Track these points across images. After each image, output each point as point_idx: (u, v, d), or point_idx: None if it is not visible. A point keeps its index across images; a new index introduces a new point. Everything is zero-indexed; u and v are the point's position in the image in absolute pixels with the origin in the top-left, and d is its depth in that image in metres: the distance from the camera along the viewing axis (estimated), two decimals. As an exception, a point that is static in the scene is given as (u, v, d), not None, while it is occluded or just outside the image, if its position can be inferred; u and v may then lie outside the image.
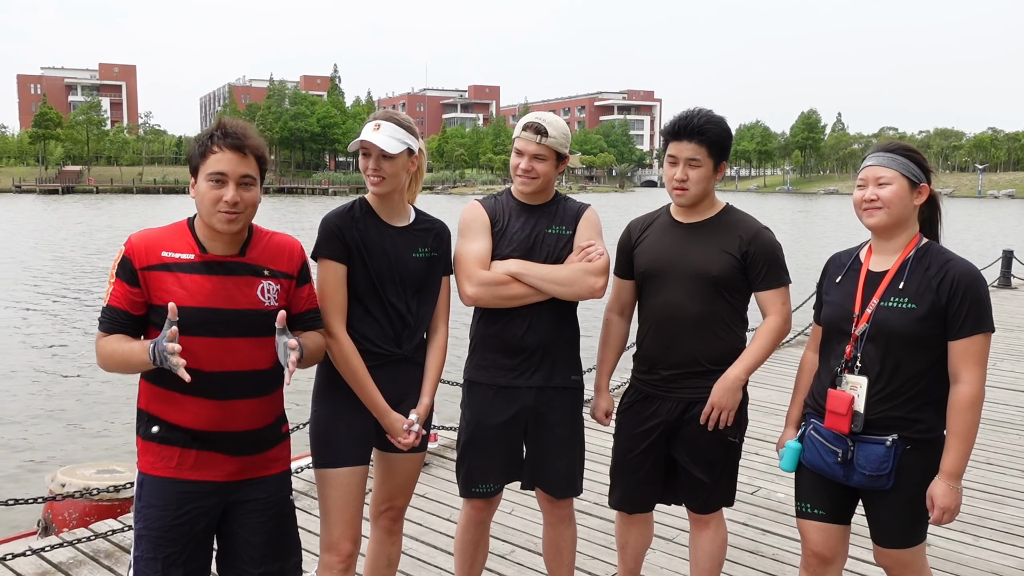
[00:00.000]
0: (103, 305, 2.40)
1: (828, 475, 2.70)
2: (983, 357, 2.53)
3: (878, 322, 2.59)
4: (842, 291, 2.73)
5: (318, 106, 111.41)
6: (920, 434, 2.57)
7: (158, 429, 2.40)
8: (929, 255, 2.61)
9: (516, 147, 3.03)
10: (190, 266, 2.36)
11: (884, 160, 2.62)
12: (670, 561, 4.05)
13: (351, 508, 2.83)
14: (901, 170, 2.60)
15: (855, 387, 2.62)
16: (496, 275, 2.99)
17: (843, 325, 2.68)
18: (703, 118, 2.92)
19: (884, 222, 2.62)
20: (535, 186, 3.02)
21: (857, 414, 2.60)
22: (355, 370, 2.76)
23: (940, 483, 2.53)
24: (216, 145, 2.35)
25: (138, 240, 2.39)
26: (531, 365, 3.03)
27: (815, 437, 2.72)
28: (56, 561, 3.98)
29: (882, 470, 2.57)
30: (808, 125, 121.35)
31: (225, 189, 2.34)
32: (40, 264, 24.66)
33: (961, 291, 2.51)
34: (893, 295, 2.59)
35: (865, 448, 2.59)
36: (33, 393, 10.83)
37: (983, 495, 4.96)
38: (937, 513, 2.53)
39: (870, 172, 2.64)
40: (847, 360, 2.65)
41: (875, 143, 2.80)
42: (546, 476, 3.12)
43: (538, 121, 2.99)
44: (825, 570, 2.78)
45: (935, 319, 2.54)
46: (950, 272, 2.54)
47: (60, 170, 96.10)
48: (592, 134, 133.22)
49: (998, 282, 14.42)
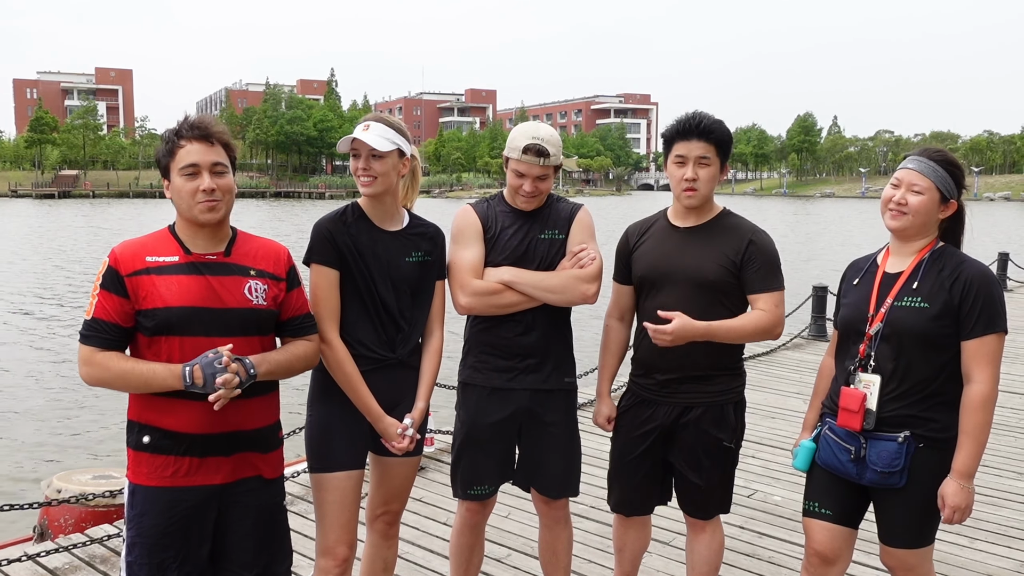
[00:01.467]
0: (85, 318, 2.38)
1: (841, 473, 2.71)
2: (996, 357, 2.55)
3: (892, 321, 2.61)
4: (859, 293, 2.75)
5: (315, 110, 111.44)
6: (933, 433, 2.58)
7: (149, 439, 2.40)
8: (944, 257, 2.64)
9: (517, 169, 2.97)
10: (175, 268, 2.37)
11: (924, 168, 2.62)
12: (667, 564, 4.05)
13: (347, 512, 2.84)
14: (937, 182, 2.61)
15: (868, 385, 2.64)
16: (489, 285, 2.99)
17: (858, 325, 2.70)
18: (711, 118, 2.94)
19: (904, 227, 2.64)
20: (537, 203, 3.04)
21: (869, 412, 2.61)
22: (349, 375, 2.77)
23: (951, 482, 2.54)
24: (183, 140, 2.37)
25: (122, 250, 2.40)
26: (525, 367, 3.04)
27: (829, 436, 2.74)
28: (52, 566, 3.98)
29: (894, 467, 2.58)
30: (804, 128, 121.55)
31: (200, 179, 2.37)
32: (37, 268, 24.62)
33: (974, 291, 2.53)
34: (907, 295, 2.61)
35: (877, 445, 2.60)
36: (29, 398, 10.81)
37: (979, 497, 4.93)
38: (948, 512, 2.54)
39: (907, 175, 2.64)
40: (861, 359, 2.67)
41: (920, 147, 2.77)
42: (541, 476, 3.12)
43: (537, 143, 2.94)
44: (826, 571, 2.78)
45: (948, 319, 2.55)
46: (963, 273, 2.57)
47: (56, 174, 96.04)
48: (589, 137, 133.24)
49: (994, 284, 14.43)
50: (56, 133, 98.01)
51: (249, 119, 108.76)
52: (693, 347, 2.95)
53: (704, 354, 2.96)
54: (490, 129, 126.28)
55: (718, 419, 2.99)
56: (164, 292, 2.34)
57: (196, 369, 2.28)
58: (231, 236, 2.51)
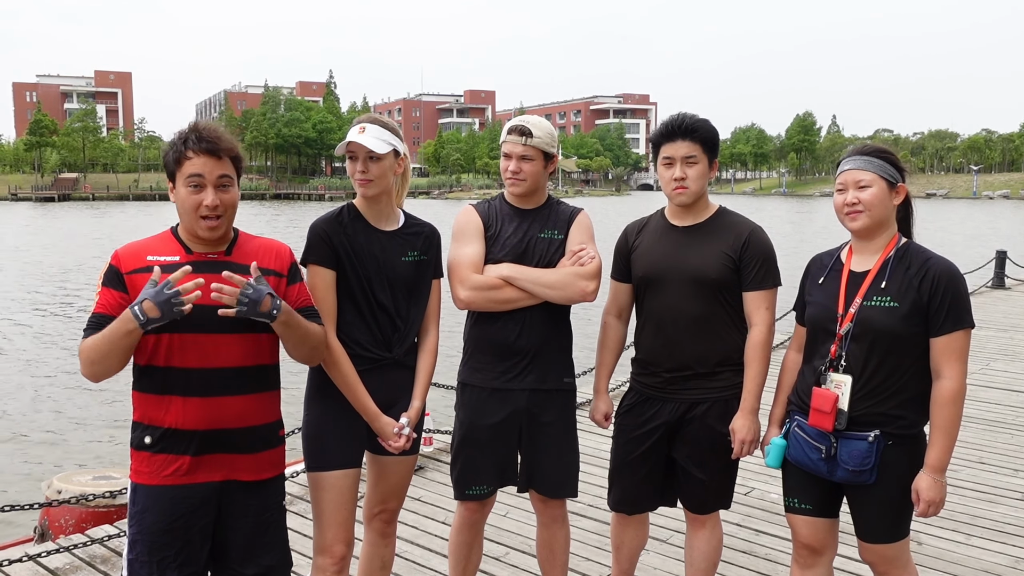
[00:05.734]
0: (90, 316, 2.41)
1: (812, 471, 2.73)
2: (964, 353, 2.57)
3: (862, 321, 2.63)
4: (825, 292, 2.76)
5: (314, 112, 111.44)
6: (902, 429, 2.61)
7: (150, 439, 2.42)
8: (909, 254, 2.66)
9: (504, 151, 3.07)
10: (176, 267, 2.38)
11: (861, 163, 2.66)
12: (663, 562, 4.07)
13: (343, 511, 2.85)
14: (879, 172, 2.64)
15: (839, 385, 2.65)
16: (489, 279, 3.02)
17: (827, 325, 2.71)
18: (693, 118, 2.98)
19: (867, 225, 2.66)
20: (524, 187, 3.06)
21: (841, 412, 2.64)
22: (345, 375, 2.78)
23: (925, 477, 2.57)
24: (191, 150, 2.38)
25: (124, 250, 2.44)
26: (524, 367, 3.06)
27: (799, 434, 2.76)
28: (52, 567, 3.99)
29: (864, 465, 2.60)
30: (803, 127, 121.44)
31: (204, 193, 2.39)
32: (38, 270, 24.63)
33: (942, 288, 2.56)
34: (876, 294, 2.63)
35: (848, 444, 2.63)
36: (29, 399, 10.83)
37: (976, 494, 4.99)
38: (923, 506, 2.57)
39: (849, 176, 2.67)
40: (832, 359, 2.68)
41: (850, 147, 2.83)
42: (539, 476, 3.14)
43: (522, 124, 3.05)
44: (815, 561, 2.83)
45: (917, 317, 2.58)
46: (931, 270, 2.59)
47: (56, 177, 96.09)
48: (588, 138, 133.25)
49: (992, 282, 14.46)
50: (55, 136, 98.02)
51: (247, 121, 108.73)
52: (697, 345, 2.99)
53: (709, 351, 3.00)
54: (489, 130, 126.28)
55: (723, 415, 3.01)
56: None
57: (146, 303, 2.21)
58: (233, 237, 2.54)
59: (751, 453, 3.03)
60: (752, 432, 2.98)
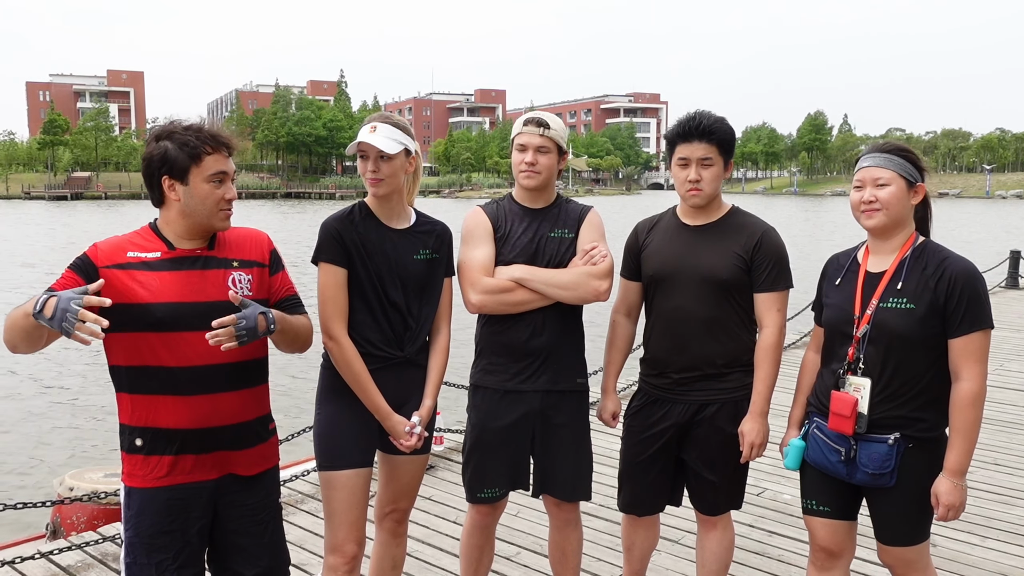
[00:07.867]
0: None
1: (831, 473, 2.71)
2: (983, 354, 2.53)
3: (878, 323, 2.59)
4: (842, 293, 2.73)
5: (325, 111, 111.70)
6: (922, 432, 2.58)
7: (141, 442, 2.41)
8: (926, 254, 2.61)
9: (519, 143, 3.03)
10: (157, 263, 2.38)
11: (881, 161, 2.62)
12: (675, 563, 4.05)
13: (355, 510, 2.84)
14: (898, 170, 2.60)
15: (858, 389, 2.62)
16: (500, 282, 2.99)
17: (844, 327, 2.68)
18: (711, 118, 2.94)
19: (883, 223, 2.62)
20: (538, 180, 3.02)
21: (861, 415, 2.61)
22: (357, 373, 2.77)
23: (944, 480, 2.54)
24: (209, 146, 2.40)
25: (104, 244, 2.42)
26: (537, 369, 3.03)
27: (818, 436, 2.73)
28: (64, 564, 4.01)
29: (884, 468, 2.58)
30: (815, 127, 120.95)
31: (225, 187, 2.44)
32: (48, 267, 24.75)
33: (959, 289, 2.51)
34: (892, 296, 2.59)
35: (868, 447, 2.60)
36: (41, 397, 10.89)
37: (990, 495, 4.94)
38: (942, 510, 2.54)
39: (867, 173, 2.63)
40: (850, 362, 2.65)
41: (869, 144, 2.79)
42: (553, 480, 3.12)
43: (537, 115, 3.02)
44: (833, 564, 2.80)
45: (934, 318, 2.54)
46: (947, 270, 2.54)
47: (69, 176, 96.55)
48: (598, 137, 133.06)
49: (1006, 282, 14.36)
50: (68, 135, 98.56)
51: (259, 120, 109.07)
52: (707, 345, 2.96)
53: (719, 352, 2.97)
54: (500, 129, 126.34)
55: (733, 415, 2.99)
56: (145, 287, 2.35)
57: (51, 300, 2.05)
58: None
59: (760, 456, 3.00)
60: (761, 435, 2.95)
